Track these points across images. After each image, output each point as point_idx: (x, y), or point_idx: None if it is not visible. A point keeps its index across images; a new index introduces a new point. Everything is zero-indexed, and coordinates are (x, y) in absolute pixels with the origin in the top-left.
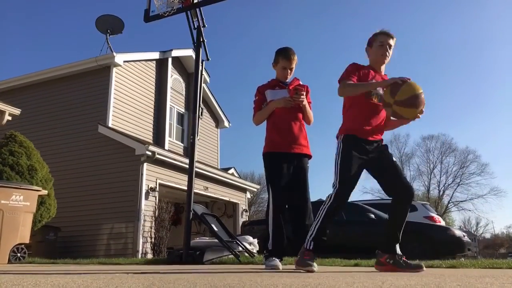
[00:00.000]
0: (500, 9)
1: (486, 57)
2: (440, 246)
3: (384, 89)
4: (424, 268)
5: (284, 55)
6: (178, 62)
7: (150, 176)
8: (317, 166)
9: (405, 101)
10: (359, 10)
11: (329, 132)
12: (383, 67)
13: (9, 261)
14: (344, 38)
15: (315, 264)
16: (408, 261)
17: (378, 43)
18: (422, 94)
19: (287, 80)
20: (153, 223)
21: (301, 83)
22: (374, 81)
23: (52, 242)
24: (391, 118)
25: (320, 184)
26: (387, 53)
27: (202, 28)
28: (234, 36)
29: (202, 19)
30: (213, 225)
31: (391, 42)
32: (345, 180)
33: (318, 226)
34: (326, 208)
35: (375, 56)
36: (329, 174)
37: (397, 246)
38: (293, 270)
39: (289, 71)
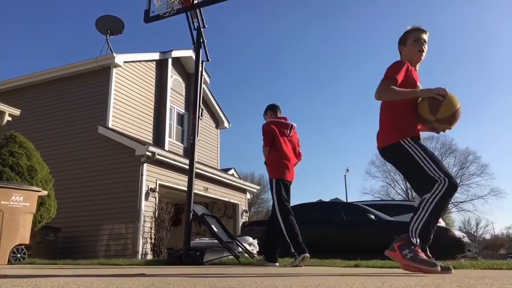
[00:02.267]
0: (503, 10)
1: (489, 58)
2: (440, 247)
3: (419, 100)
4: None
5: None
6: (178, 63)
7: (150, 176)
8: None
9: (447, 119)
10: (360, 15)
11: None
12: (418, 66)
13: (9, 262)
14: (346, 44)
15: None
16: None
17: (413, 38)
18: (460, 107)
19: None
20: (153, 223)
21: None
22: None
23: (52, 243)
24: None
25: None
26: (424, 47)
27: (202, 29)
28: (235, 37)
29: (202, 20)
30: (213, 226)
31: (425, 36)
32: (446, 169)
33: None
34: (438, 198)
35: (410, 54)
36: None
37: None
38: (293, 272)
39: None
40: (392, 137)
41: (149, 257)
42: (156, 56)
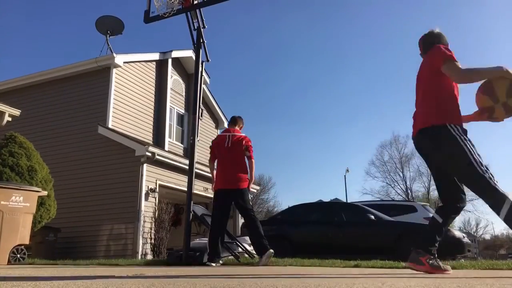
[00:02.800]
0: (500, 8)
1: (487, 56)
2: (440, 247)
3: (497, 80)
4: (451, 271)
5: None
6: (178, 63)
7: (150, 177)
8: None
9: None
10: (358, 15)
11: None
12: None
13: (9, 262)
14: (346, 44)
15: None
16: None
17: None
18: None
19: None
20: (153, 224)
21: None
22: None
23: (52, 243)
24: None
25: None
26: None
27: (202, 29)
28: (235, 37)
29: (202, 20)
30: None
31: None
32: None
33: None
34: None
35: None
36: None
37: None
38: (293, 272)
39: None
40: (438, 119)
41: (149, 257)
42: (156, 56)
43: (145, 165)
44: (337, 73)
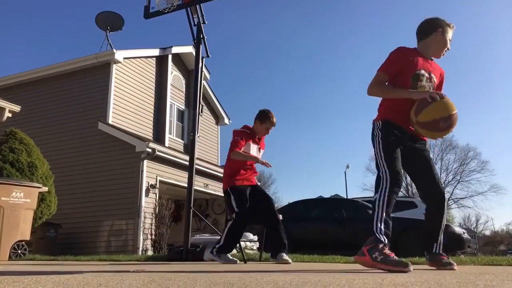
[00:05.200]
0: (500, 6)
1: (486, 53)
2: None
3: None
4: (455, 267)
5: (272, 121)
6: (178, 59)
7: (150, 173)
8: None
9: (425, 125)
10: (356, 9)
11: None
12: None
13: (10, 258)
14: (345, 38)
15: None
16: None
17: (446, 35)
18: (451, 116)
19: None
20: (154, 220)
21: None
22: (410, 90)
23: (52, 239)
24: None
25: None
26: (447, 49)
27: (202, 25)
28: (235, 33)
29: (202, 16)
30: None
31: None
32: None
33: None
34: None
35: (432, 46)
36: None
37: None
38: (293, 268)
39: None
40: (377, 115)
41: (150, 253)
42: (156, 52)
43: (145, 161)
44: (337, 67)
